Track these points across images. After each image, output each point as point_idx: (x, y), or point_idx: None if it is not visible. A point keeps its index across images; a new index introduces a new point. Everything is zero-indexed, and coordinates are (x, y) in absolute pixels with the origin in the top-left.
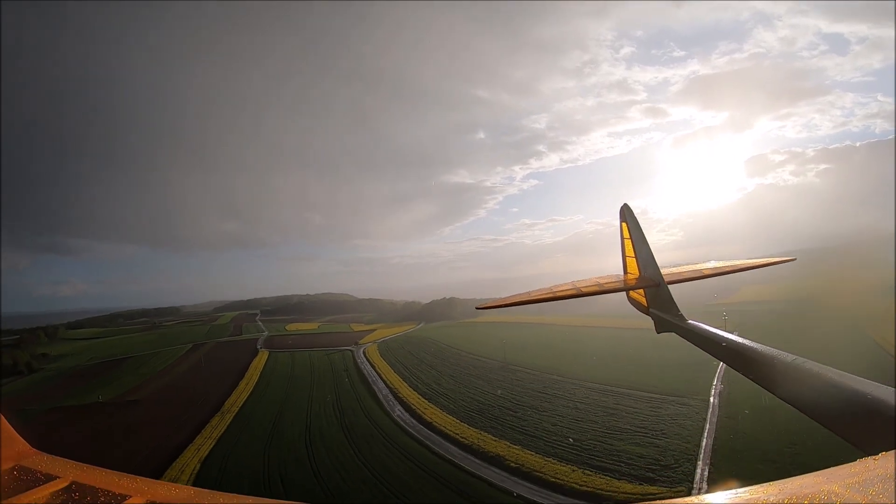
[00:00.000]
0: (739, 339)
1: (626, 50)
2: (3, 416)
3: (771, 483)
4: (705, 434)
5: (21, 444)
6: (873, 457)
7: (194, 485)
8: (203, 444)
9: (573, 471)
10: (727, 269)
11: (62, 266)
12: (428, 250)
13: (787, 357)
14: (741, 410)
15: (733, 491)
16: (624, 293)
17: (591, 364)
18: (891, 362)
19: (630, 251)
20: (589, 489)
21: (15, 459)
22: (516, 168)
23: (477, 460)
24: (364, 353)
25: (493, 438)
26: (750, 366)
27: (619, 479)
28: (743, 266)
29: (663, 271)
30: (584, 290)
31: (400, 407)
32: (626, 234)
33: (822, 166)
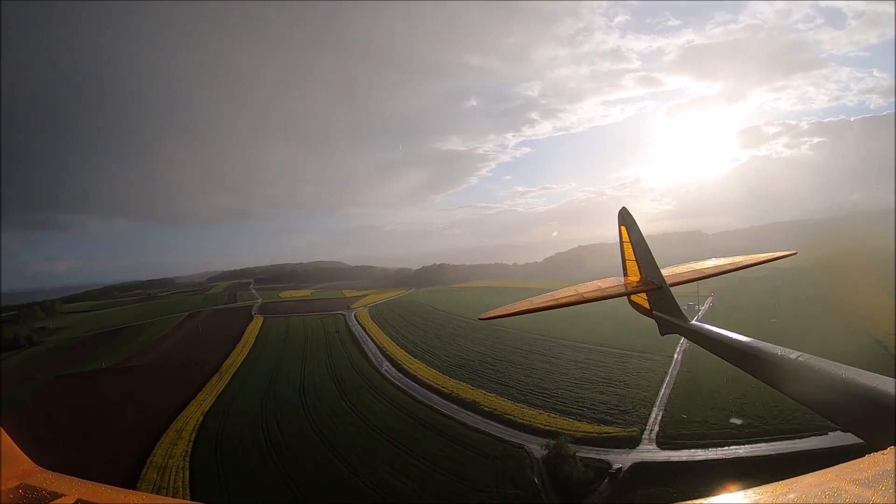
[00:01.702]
0: (744, 339)
1: (620, 18)
2: (7, 435)
3: (781, 482)
4: (664, 385)
5: (26, 462)
6: (882, 452)
7: (198, 436)
8: (205, 400)
9: (540, 414)
10: (728, 268)
11: (54, 242)
12: (421, 218)
13: (792, 354)
14: (702, 366)
15: (743, 492)
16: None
17: (569, 325)
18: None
19: (630, 255)
20: (552, 429)
21: (20, 478)
22: (509, 135)
23: (455, 406)
24: (355, 316)
25: (471, 387)
26: (755, 365)
27: (579, 421)
28: (744, 263)
29: (664, 272)
30: (587, 295)
31: (387, 363)
32: (626, 238)
33: (816, 140)
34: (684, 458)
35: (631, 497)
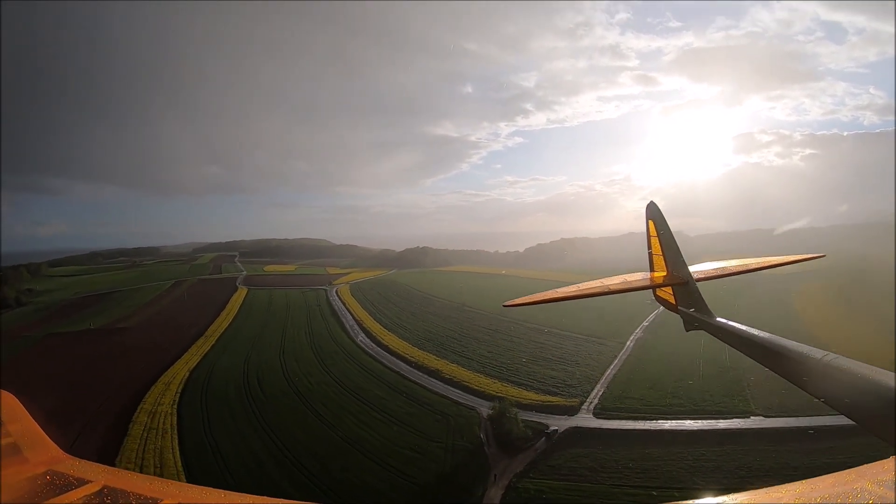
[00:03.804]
0: (769, 336)
1: (622, 15)
2: (35, 422)
3: (802, 482)
4: (611, 367)
5: (53, 449)
6: None
7: (185, 388)
8: (190, 360)
9: (494, 383)
10: (755, 266)
11: (39, 205)
12: (410, 201)
13: (818, 353)
14: (649, 353)
15: (765, 490)
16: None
17: (538, 311)
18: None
19: (657, 249)
20: (502, 395)
21: (48, 464)
22: (502, 124)
23: (419, 372)
24: (336, 292)
25: (436, 358)
26: (780, 363)
27: (528, 391)
28: (771, 263)
29: (691, 269)
30: (613, 287)
31: (363, 334)
32: (653, 232)
33: (808, 151)
34: (614, 427)
35: (562, 453)
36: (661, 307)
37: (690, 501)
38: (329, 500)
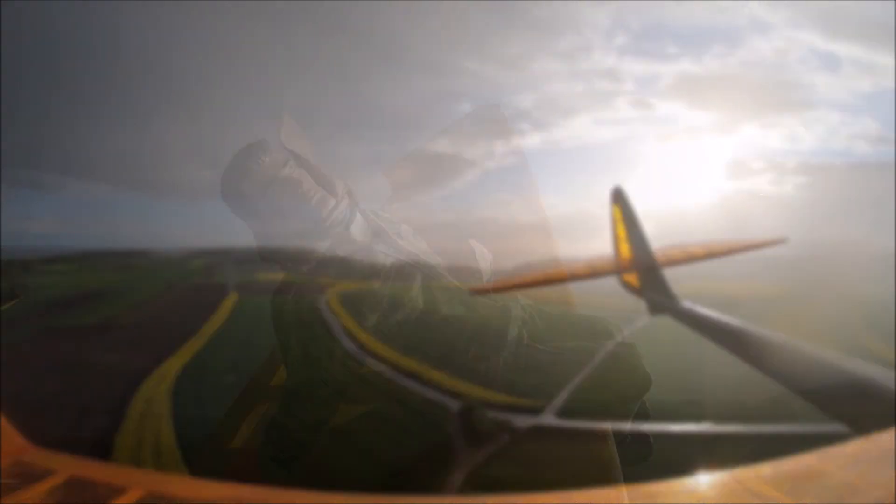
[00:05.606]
0: (733, 321)
1: (620, 40)
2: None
3: (765, 464)
4: (581, 375)
5: (18, 439)
6: (865, 438)
7: (177, 384)
8: (184, 356)
9: (468, 385)
10: (719, 251)
11: (26, 199)
12: (400, 217)
13: (781, 338)
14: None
15: (728, 471)
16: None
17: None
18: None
19: (622, 233)
20: (473, 394)
21: (12, 455)
22: (497, 143)
23: (397, 373)
24: (326, 301)
25: (416, 362)
26: (743, 347)
27: (498, 393)
28: (735, 248)
29: (656, 253)
30: (578, 272)
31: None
32: (619, 217)
33: (800, 179)
34: (572, 426)
35: (524, 446)
36: (642, 323)
37: (657, 481)
38: (302, 476)
